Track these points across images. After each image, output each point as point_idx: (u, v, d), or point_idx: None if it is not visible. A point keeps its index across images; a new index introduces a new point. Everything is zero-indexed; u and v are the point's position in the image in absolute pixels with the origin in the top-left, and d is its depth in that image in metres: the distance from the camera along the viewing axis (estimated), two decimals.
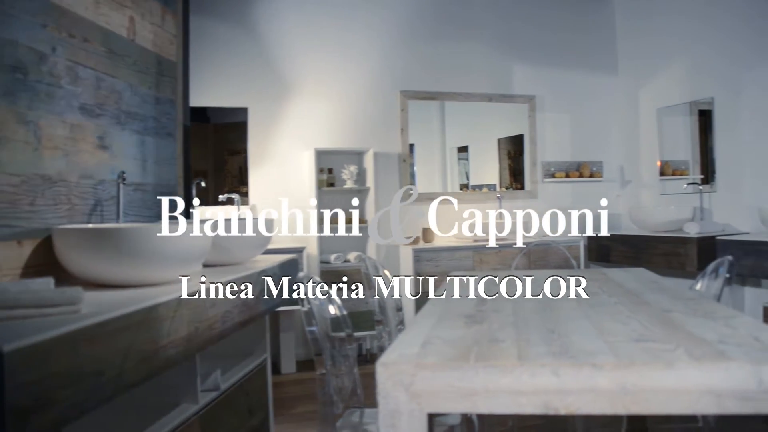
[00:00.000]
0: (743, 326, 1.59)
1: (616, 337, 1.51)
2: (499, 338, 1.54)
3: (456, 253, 5.48)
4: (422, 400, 1.33)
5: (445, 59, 6.12)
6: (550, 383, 1.29)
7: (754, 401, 1.26)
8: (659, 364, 1.28)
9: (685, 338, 1.48)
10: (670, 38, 6.17)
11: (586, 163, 6.57)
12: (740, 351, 1.35)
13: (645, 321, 1.71)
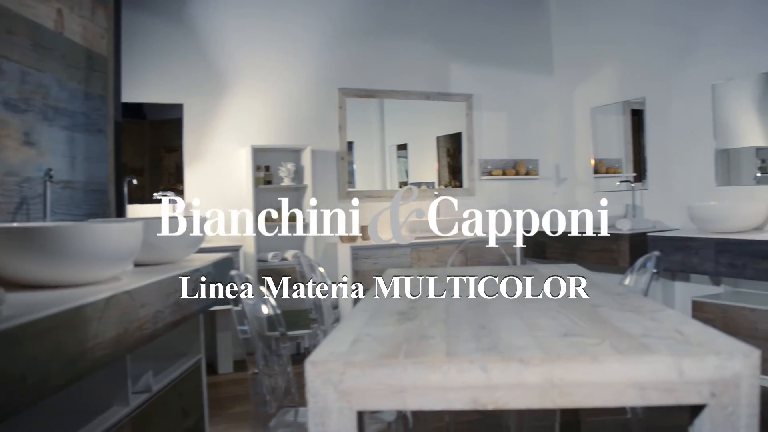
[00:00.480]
0: (667, 320, 1.63)
1: (545, 333, 1.53)
2: (429, 335, 1.54)
3: (394, 250, 5.49)
4: (352, 397, 1.33)
5: (383, 57, 6.12)
6: (478, 379, 1.30)
7: (676, 392, 1.29)
8: (585, 358, 1.29)
9: (612, 332, 1.50)
10: (604, 39, 6.30)
11: (523, 161, 6.66)
12: (663, 344, 1.38)
13: (574, 316, 1.73)
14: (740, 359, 1.29)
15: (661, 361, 1.29)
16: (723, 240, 4.54)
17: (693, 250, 4.73)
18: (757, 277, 4.36)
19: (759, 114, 5.05)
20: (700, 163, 5.41)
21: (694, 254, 4.72)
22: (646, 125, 5.94)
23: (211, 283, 3.00)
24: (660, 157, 5.82)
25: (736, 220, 4.69)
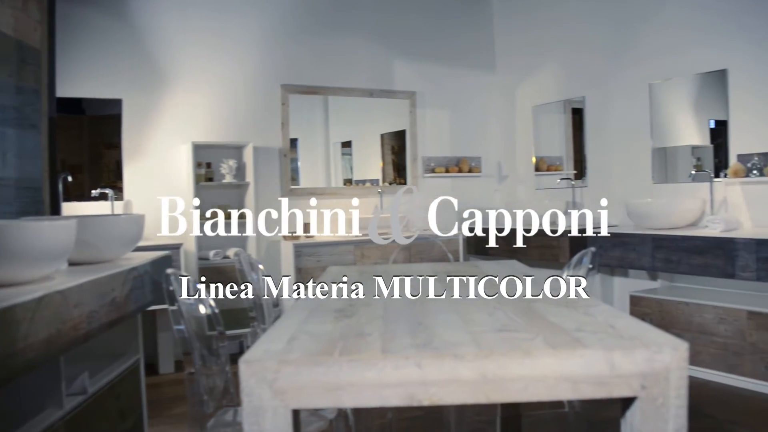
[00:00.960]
0: (601, 314, 1.65)
1: (481, 328, 1.53)
2: (366, 332, 1.54)
3: (337, 247, 5.47)
4: (287, 396, 1.31)
5: (327, 53, 6.10)
6: (413, 375, 1.30)
7: (607, 385, 1.31)
8: (518, 353, 1.30)
9: (546, 327, 1.52)
10: (546, 39, 6.39)
11: (466, 158, 6.71)
12: (595, 338, 1.40)
13: (510, 312, 1.75)
14: (669, 352, 1.32)
15: (592, 355, 1.31)
16: (659, 236, 4.65)
17: (630, 246, 4.83)
18: (691, 272, 4.47)
19: (695, 113, 5.18)
20: (638, 161, 5.53)
21: (632, 250, 4.82)
22: (586, 124, 6.04)
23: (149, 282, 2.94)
24: (599, 155, 5.93)
25: (671, 216, 4.80)
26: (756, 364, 4.19)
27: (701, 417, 3.83)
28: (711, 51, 4.98)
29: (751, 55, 4.75)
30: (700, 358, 4.49)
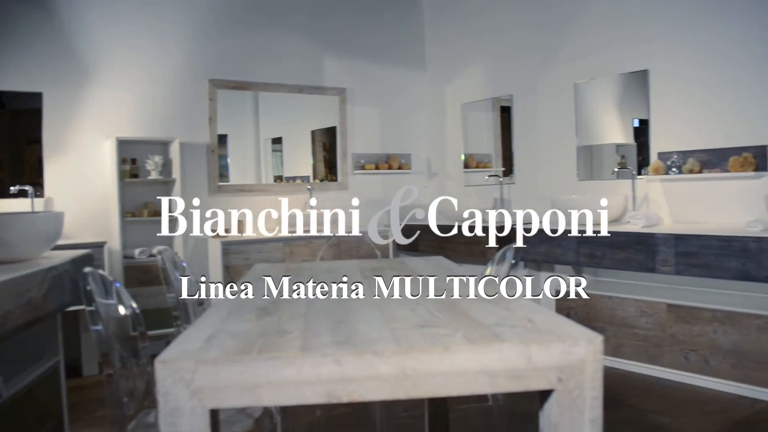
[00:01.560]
0: (521, 309, 1.67)
1: (402, 324, 1.54)
2: (286, 330, 1.52)
3: (266, 245, 5.43)
4: (204, 396, 1.29)
5: (256, 48, 6.03)
6: (332, 372, 1.29)
7: (525, 379, 1.33)
8: (437, 349, 1.31)
9: (466, 323, 1.53)
10: (475, 37, 6.46)
11: (395, 155, 6.73)
12: (513, 332, 1.41)
13: (433, 307, 1.75)
14: (585, 345, 1.34)
15: (510, 349, 1.32)
16: (583, 231, 4.75)
17: (556, 242, 4.92)
18: (614, 267, 4.59)
19: (619, 112, 5.30)
20: (564, 159, 5.65)
21: (557, 245, 4.91)
22: (514, 122, 6.13)
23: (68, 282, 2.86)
24: (527, 152, 6.03)
25: (595, 212, 4.91)
26: (675, 355, 4.33)
27: (624, 407, 3.93)
28: (633, 52, 5.11)
29: (670, 57, 4.89)
30: (623, 350, 4.61)
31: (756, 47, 4.44)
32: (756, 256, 3.87)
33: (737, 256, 3.95)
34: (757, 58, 4.44)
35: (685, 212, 4.83)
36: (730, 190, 4.59)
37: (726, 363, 4.09)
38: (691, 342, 4.25)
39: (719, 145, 4.63)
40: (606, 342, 4.69)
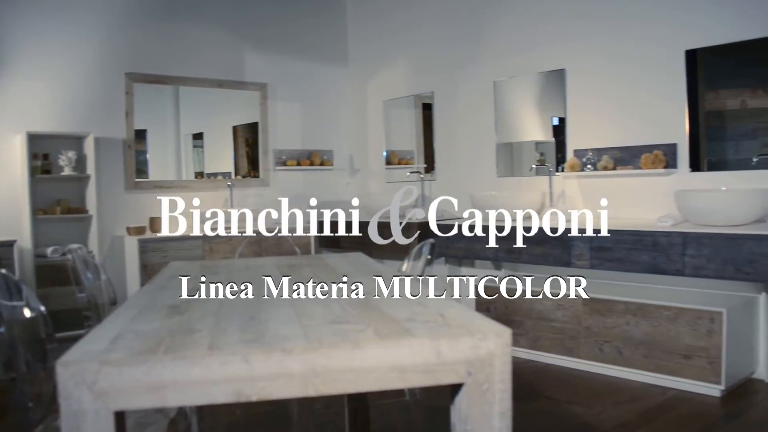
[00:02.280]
0: (434, 304, 1.69)
1: (314, 321, 1.53)
2: (196, 329, 1.50)
3: (185, 242, 5.33)
4: (108, 398, 1.25)
5: (175, 42, 5.91)
6: (240, 371, 1.27)
7: (435, 373, 1.34)
8: (347, 345, 1.31)
9: (378, 318, 1.53)
10: (398, 34, 6.48)
11: (317, 151, 6.71)
12: (424, 328, 1.42)
13: (346, 304, 1.75)
14: (493, 339, 1.36)
15: (420, 344, 1.33)
16: (502, 227, 4.82)
17: (476, 237, 4.98)
18: (531, 262, 4.68)
19: (539, 110, 5.41)
20: (484, 156, 5.73)
21: (477, 241, 4.98)
22: (435, 119, 6.18)
23: None
24: (448, 149, 6.09)
25: (513, 208, 4.99)
26: (591, 347, 4.44)
27: (541, 399, 4.01)
28: (551, 51, 5.22)
29: (586, 57, 5.02)
30: (540, 343, 4.71)
31: (667, 48, 4.59)
32: (666, 250, 4.01)
33: (648, 250, 4.08)
34: (668, 58, 4.59)
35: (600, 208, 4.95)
36: (642, 186, 4.74)
37: (638, 353, 4.22)
38: (605, 334, 4.37)
39: (632, 143, 4.77)
40: (524, 336, 4.79)
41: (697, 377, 3.98)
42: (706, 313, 3.93)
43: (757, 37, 4.18)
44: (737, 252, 3.74)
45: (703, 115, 4.50)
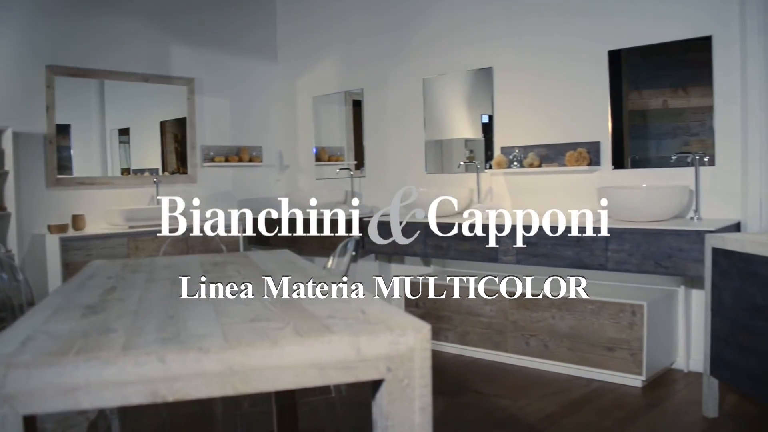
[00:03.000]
0: (356, 301, 1.69)
1: (233, 319, 1.51)
2: (112, 328, 1.46)
3: (109, 240, 5.21)
4: (16, 402, 1.21)
5: (98, 34, 5.74)
6: (156, 371, 1.24)
7: (355, 370, 1.34)
8: (265, 343, 1.29)
9: (299, 316, 1.53)
10: (327, 30, 6.46)
11: (246, 147, 6.63)
12: (344, 324, 1.42)
13: (268, 301, 1.74)
14: (413, 334, 1.36)
15: (339, 341, 1.33)
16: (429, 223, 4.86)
17: (405, 234, 5.01)
18: (459, 258, 4.73)
19: (468, 108, 5.46)
20: (413, 153, 5.76)
21: (406, 237, 5.00)
22: (365, 116, 6.19)
23: None
24: (377, 146, 6.10)
25: (441, 205, 5.03)
26: (517, 341, 4.52)
27: (469, 393, 4.06)
28: (479, 49, 5.28)
29: (512, 56, 5.10)
30: (469, 337, 4.76)
31: (591, 48, 4.70)
32: (589, 246, 4.10)
33: (572, 245, 4.17)
34: (592, 58, 4.70)
35: (527, 204, 5.04)
36: (566, 183, 4.84)
37: (563, 347, 4.31)
38: (532, 328, 4.45)
39: (557, 141, 4.87)
40: (453, 331, 4.84)
41: (619, 368, 4.09)
42: (628, 307, 4.04)
43: (677, 39, 4.32)
44: (656, 247, 3.86)
45: (627, 114, 4.62)
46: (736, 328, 3.24)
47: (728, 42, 4.13)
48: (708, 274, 3.47)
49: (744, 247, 3.15)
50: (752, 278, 3.08)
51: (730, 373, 3.32)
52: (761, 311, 3.03)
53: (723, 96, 4.18)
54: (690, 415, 3.59)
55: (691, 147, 4.32)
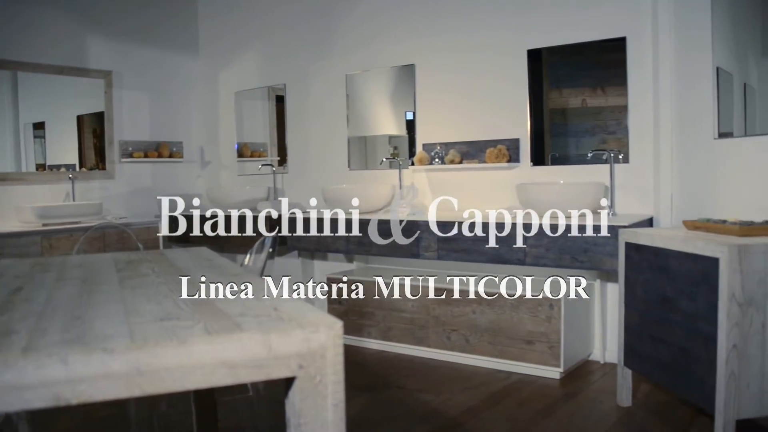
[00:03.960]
0: (270, 299, 1.67)
1: (142, 319, 1.48)
2: (14, 330, 1.41)
3: (21, 239, 5.02)
4: None
5: (11, 23, 5.52)
6: (58, 373, 1.21)
7: (266, 368, 1.33)
8: (173, 343, 1.27)
9: (210, 314, 1.50)
10: (250, 24, 6.39)
11: (166, 143, 6.50)
12: (255, 322, 1.40)
13: (181, 300, 1.71)
14: (325, 331, 1.36)
15: (249, 339, 1.31)
16: (351, 220, 4.86)
17: (327, 230, 4.99)
18: (381, 254, 4.74)
19: (392, 105, 5.47)
20: (336, 149, 5.75)
21: (328, 233, 4.99)
22: (287, 111, 6.15)
23: None
24: (300, 142, 6.07)
25: (364, 201, 5.04)
26: (439, 336, 4.56)
27: (392, 388, 4.08)
28: (402, 46, 5.31)
29: (433, 53, 5.15)
30: (392, 333, 4.79)
31: (511, 47, 4.78)
32: (508, 241, 4.17)
33: (492, 241, 4.23)
34: (512, 57, 4.78)
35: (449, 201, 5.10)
36: (487, 179, 4.91)
37: (484, 341, 4.38)
38: (453, 323, 4.50)
39: (478, 138, 4.93)
40: (376, 327, 4.86)
41: (538, 361, 4.18)
42: (546, 300, 4.13)
43: (594, 40, 4.43)
44: (573, 242, 3.95)
45: (548, 112, 4.72)
46: (648, 320, 3.35)
47: (641, 43, 4.26)
48: (621, 268, 3.58)
49: (654, 241, 3.26)
50: (662, 271, 3.19)
51: (642, 363, 3.43)
52: (670, 303, 3.14)
53: (636, 95, 4.32)
54: (605, 405, 3.70)
55: (609, 145, 4.44)
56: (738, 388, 2.77)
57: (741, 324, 2.76)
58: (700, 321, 2.91)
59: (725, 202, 3.60)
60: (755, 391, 2.80)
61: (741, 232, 2.98)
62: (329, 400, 1.38)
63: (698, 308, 2.93)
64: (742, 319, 2.76)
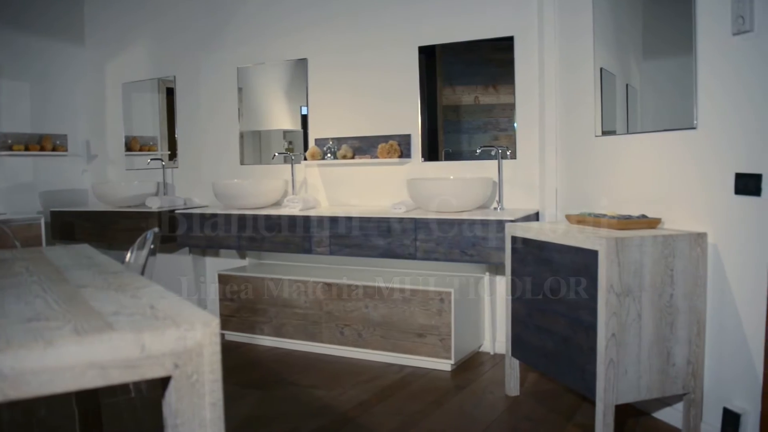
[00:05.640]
0: (148, 296, 1.63)
1: (8, 320, 1.41)
2: None
3: None
4: None
5: None
6: None
7: (139, 368, 1.29)
8: (39, 345, 1.22)
9: (83, 313, 1.45)
10: (138, 13, 6.20)
11: (49, 135, 6.23)
12: (129, 321, 1.36)
13: (54, 299, 1.64)
14: (201, 329, 1.33)
15: (121, 338, 1.27)
16: (243, 216, 4.80)
17: (218, 226, 4.92)
18: (273, 249, 4.71)
19: (287, 99, 5.43)
20: (227, 143, 5.66)
21: (219, 230, 4.91)
22: (177, 104, 6.00)
23: None
24: (191, 136, 5.94)
25: (256, 196, 4.99)
26: (332, 331, 4.57)
27: (286, 385, 4.06)
28: (294, 40, 5.27)
29: (325, 47, 5.13)
30: (285, 329, 4.76)
31: (403, 43, 4.82)
32: (399, 236, 4.21)
33: (384, 236, 4.27)
34: (404, 53, 4.82)
35: (341, 195, 5.11)
36: (379, 174, 4.94)
37: (376, 335, 4.41)
38: (346, 318, 4.52)
39: (370, 133, 4.96)
40: (268, 324, 4.81)
41: (430, 354, 4.24)
42: (436, 294, 4.19)
43: (484, 38, 4.53)
44: (462, 236, 4.03)
45: (441, 108, 4.79)
46: (533, 311, 3.45)
47: (528, 43, 4.39)
48: (508, 261, 3.67)
49: (538, 234, 3.37)
50: (546, 264, 3.30)
51: (529, 353, 3.53)
52: (554, 294, 3.24)
53: (524, 93, 4.44)
54: (494, 395, 3.80)
55: (500, 141, 4.55)
56: (616, 375, 2.90)
57: (618, 313, 2.88)
58: (581, 311, 3.03)
59: (606, 197, 3.74)
60: (632, 377, 2.93)
61: (619, 226, 3.11)
62: (207, 398, 1.36)
63: (579, 299, 3.04)
64: (620, 308, 2.88)
